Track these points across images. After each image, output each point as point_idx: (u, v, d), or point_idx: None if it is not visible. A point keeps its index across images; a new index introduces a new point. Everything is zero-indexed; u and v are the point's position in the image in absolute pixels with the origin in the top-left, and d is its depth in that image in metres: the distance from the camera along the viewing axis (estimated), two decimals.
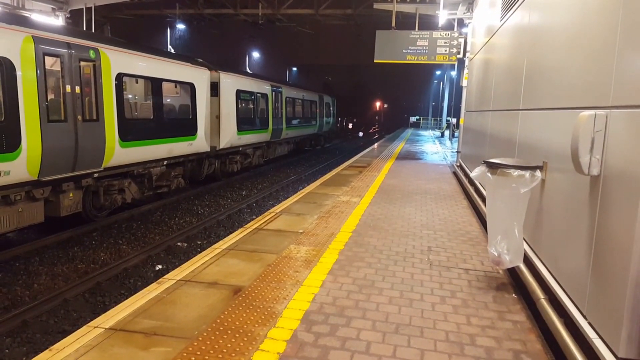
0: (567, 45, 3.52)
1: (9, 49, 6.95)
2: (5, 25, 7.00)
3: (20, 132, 7.08)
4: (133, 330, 2.97)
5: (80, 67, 8.34)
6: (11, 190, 7.06)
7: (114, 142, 9.13)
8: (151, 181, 10.86)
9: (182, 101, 12.28)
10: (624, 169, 2.42)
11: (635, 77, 2.36)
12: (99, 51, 8.78)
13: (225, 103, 14.05)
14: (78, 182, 8.48)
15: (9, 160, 6.87)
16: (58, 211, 8.16)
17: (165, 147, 10.96)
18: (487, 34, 8.70)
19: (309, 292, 3.76)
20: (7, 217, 7.14)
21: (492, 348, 2.99)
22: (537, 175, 3.76)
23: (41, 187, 7.66)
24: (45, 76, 7.56)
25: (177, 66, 11.61)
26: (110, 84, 9.06)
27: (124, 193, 9.90)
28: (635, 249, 2.24)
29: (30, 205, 7.58)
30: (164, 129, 10.95)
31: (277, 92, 19.25)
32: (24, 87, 7.16)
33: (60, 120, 7.90)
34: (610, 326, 2.45)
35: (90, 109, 8.62)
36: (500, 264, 3.91)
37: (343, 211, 6.89)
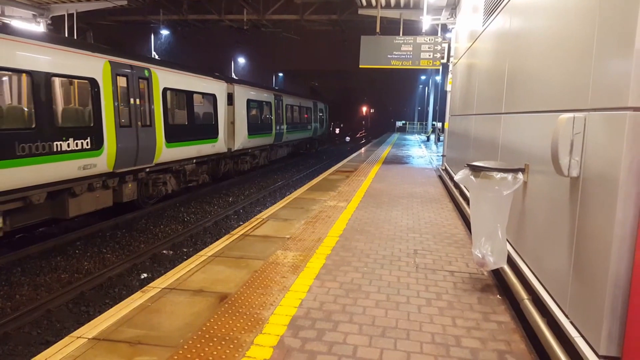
0: (547, 50, 3.59)
1: (95, 71, 9.12)
2: (92, 53, 9.15)
3: (103, 135, 9.25)
4: (117, 340, 2.93)
5: (139, 83, 10.54)
6: (95, 179, 9.14)
7: (162, 143, 11.34)
8: (185, 176, 13.01)
9: (207, 109, 14.40)
10: (602, 170, 2.48)
11: (611, 81, 2.42)
12: (150, 70, 11.02)
13: (239, 110, 16.26)
14: (135, 175, 10.61)
15: (95, 157, 9.00)
16: (121, 198, 10.14)
17: (195, 147, 13.16)
18: (469, 39, 8.83)
19: (295, 298, 3.75)
20: (90, 200, 9.15)
21: (477, 349, 3.02)
22: (519, 177, 3.81)
23: (113, 178, 9.75)
24: (117, 91, 9.69)
25: (203, 80, 14.00)
26: (158, 97, 11.28)
27: (166, 185, 12.03)
28: (614, 249, 2.29)
29: (103, 192, 9.60)
30: (195, 133, 13.18)
31: (279, 100, 21.47)
32: (104, 100, 9.30)
33: (128, 125, 10.05)
34: (591, 325, 2.49)
35: (145, 116, 10.74)
36: (485, 265, 3.96)
37: (330, 216, 6.91)
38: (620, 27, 2.35)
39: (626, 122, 2.24)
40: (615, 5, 2.46)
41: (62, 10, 14.53)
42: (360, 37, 12.56)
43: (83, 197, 8.94)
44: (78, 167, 8.59)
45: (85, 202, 9.07)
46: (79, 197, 8.81)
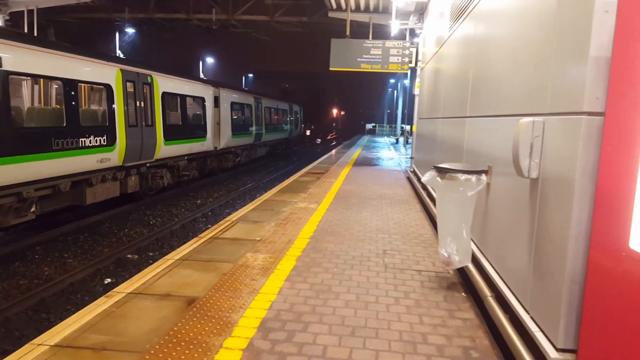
0: (509, 56, 3.72)
1: (110, 78, 10.61)
2: (107, 63, 10.66)
3: (116, 133, 10.69)
4: (80, 347, 2.86)
5: (143, 88, 12.07)
6: (107, 172, 10.55)
7: (161, 141, 12.82)
8: (179, 171, 14.50)
9: (197, 111, 15.82)
10: (559, 171, 2.59)
11: (568, 86, 2.54)
12: (152, 77, 12.59)
13: (224, 112, 17.79)
14: (138, 169, 12.04)
15: (110, 152, 10.45)
16: (126, 189, 11.55)
17: (188, 145, 14.69)
18: (436, 44, 9.02)
19: (265, 300, 3.75)
20: (102, 190, 10.48)
21: (443, 345, 3.10)
22: (483, 179, 3.93)
23: (121, 171, 11.15)
24: (126, 95, 11.18)
25: (194, 85, 15.64)
26: (158, 100, 12.81)
27: (162, 179, 13.50)
28: (570, 246, 2.40)
29: (113, 184, 10.91)
30: (187, 132, 14.76)
31: (259, 102, 22.97)
32: (117, 103, 10.78)
33: (134, 125, 11.52)
34: (549, 320, 2.60)
35: (148, 117, 12.22)
36: (450, 264, 4.06)
37: (301, 218, 6.92)
38: (576, 35, 2.46)
39: (581, 125, 2.35)
40: (570, 14, 2.58)
41: (22, 5, 14.02)
42: (331, 40, 12.65)
43: (97, 187, 10.32)
44: (97, 160, 10.06)
45: (99, 192, 10.39)
46: (94, 187, 10.18)
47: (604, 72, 2.26)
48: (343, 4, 13.35)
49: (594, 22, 2.29)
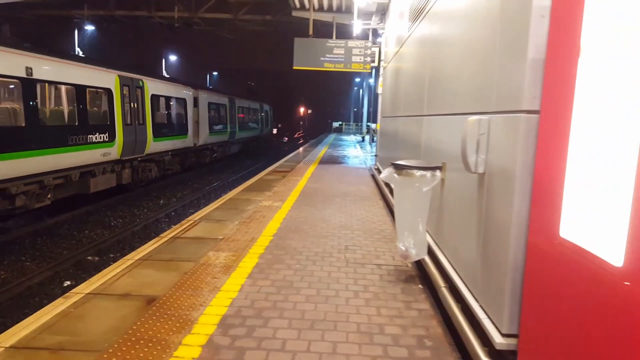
0: (460, 56, 3.88)
1: (110, 83, 12.41)
2: (108, 70, 12.44)
3: (115, 131, 12.43)
4: (37, 347, 2.83)
5: (136, 91, 13.84)
6: (108, 164, 12.27)
7: (150, 137, 14.64)
8: (164, 165, 16.28)
9: (179, 111, 17.63)
10: (502, 166, 2.75)
11: (510, 86, 2.70)
12: (143, 81, 14.38)
13: (202, 112, 19.77)
14: (131, 162, 13.72)
15: (110, 147, 12.21)
16: (121, 180, 13.13)
17: (172, 142, 16.53)
18: (397, 44, 9.21)
19: (226, 297, 3.79)
20: (103, 181, 12.13)
21: (399, 335, 3.23)
22: (437, 175, 4.09)
23: (118, 164, 12.83)
24: (122, 98, 12.90)
25: (178, 87, 17.61)
26: (148, 101, 14.58)
27: (151, 172, 15.18)
28: (512, 237, 2.55)
29: (111, 175, 12.59)
30: (171, 130, 16.69)
31: (233, 102, 25.03)
32: (116, 105, 12.55)
33: (129, 124, 13.29)
34: (495, 307, 2.75)
35: (140, 117, 13.97)
36: (408, 257, 4.21)
37: (265, 216, 6.95)
38: (516, 38, 2.61)
39: (520, 123, 2.51)
40: (511, 18, 2.74)
41: None
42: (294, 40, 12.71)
43: (99, 178, 11.98)
44: (100, 154, 11.81)
45: (100, 182, 12.05)
46: (97, 177, 11.83)
47: (540, 73, 2.41)
48: (306, 4, 13.41)
49: (531, 26, 2.44)
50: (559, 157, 2.13)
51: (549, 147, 2.25)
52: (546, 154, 2.28)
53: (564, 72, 2.12)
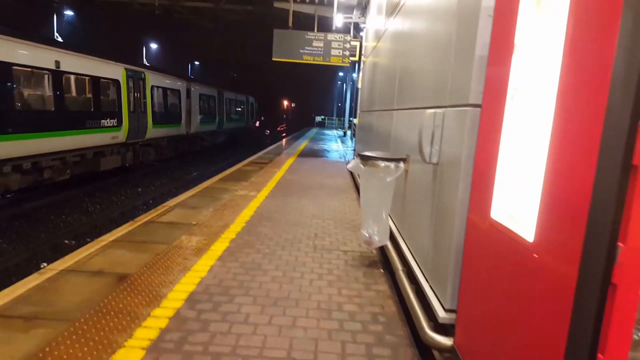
0: (424, 53, 4.11)
1: (118, 75, 14.17)
2: (117, 63, 14.15)
3: (122, 117, 14.23)
4: (12, 316, 2.99)
5: (139, 82, 15.63)
6: (116, 147, 14.19)
7: (150, 124, 16.44)
8: (161, 150, 18.08)
9: (174, 101, 19.35)
10: (452, 156, 2.99)
11: (460, 81, 2.93)
12: (145, 73, 16.19)
13: (194, 103, 21.46)
14: (134, 146, 15.61)
15: (118, 131, 14.04)
16: (125, 162, 15.04)
17: (167, 129, 18.37)
18: (375, 39, 9.43)
19: (196, 276, 3.97)
20: (110, 161, 13.99)
21: (355, 312, 3.47)
22: (401, 166, 4.33)
23: (123, 147, 14.79)
24: (128, 88, 14.70)
25: (173, 79, 19.50)
26: (149, 92, 16.38)
27: (150, 155, 17.14)
28: (457, 219, 2.80)
29: (117, 156, 14.49)
30: (167, 118, 18.39)
31: (221, 94, 26.71)
32: (123, 94, 14.32)
33: (133, 111, 15.08)
34: (441, 285, 3.00)
35: (141, 105, 15.77)
36: (372, 244, 4.45)
37: (239, 204, 7.12)
38: (468, 35, 2.84)
39: (467, 116, 2.75)
40: (465, 16, 2.96)
41: None
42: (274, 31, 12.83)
43: (108, 158, 13.87)
44: (110, 137, 13.63)
45: (108, 162, 13.92)
46: (106, 157, 13.74)
47: (484, 69, 2.65)
48: None
49: (479, 25, 2.66)
50: (493, 147, 2.38)
51: (487, 138, 2.49)
52: (484, 144, 2.52)
53: (501, 68, 2.35)
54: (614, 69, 1.39)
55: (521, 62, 2.11)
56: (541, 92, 1.87)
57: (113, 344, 2.75)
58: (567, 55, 1.68)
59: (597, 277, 1.45)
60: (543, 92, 1.85)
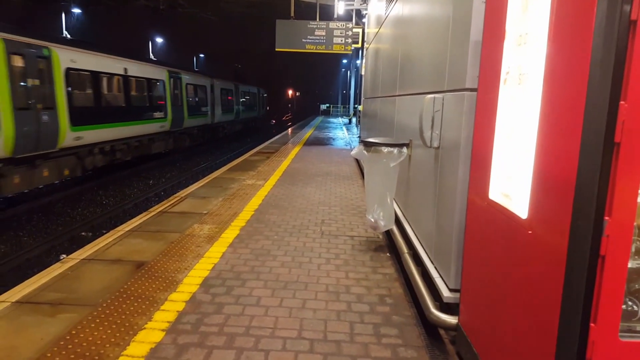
0: (424, 38, 4.18)
1: (163, 76, 17.50)
2: (162, 67, 17.73)
3: (167, 110, 17.61)
4: (39, 302, 3.18)
5: (177, 81, 19.04)
6: (162, 135, 17.32)
7: (186, 115, 20.02)
8: (193, 137, 21.59)
9: (202, 96, 22.68)
10: (451, 139, 3.09)
11: (458, 66, 3.02)
12: (181, 73, 19.69)
13: (216, 96, 24.93)
14: (174, 133, 18.91)
15: (164, 122, 17.24)
16: (168, 146, 18.41)
17: (197, 120, 21.79)
18: (376, 25, 9.45)
19: (209, 263, 4.14)
20: (157, 147, 17.07)
21: (363, 294, 3.61)
22: (404, 151, 4.43)
23: (167, 134, 17.96)
24: (170, 86, 18.03)
25: (201, 77, 22.97)
26: (184, 89, 19.86)
27: (185, 142, 20.54)
28: (458, 201, 2.91)
29: (162, 142, 17.66)
30: (198, 111, 21.97)
31: (237, 88, 30.40)
32: (167, 92, 17.67)
33: (174, 105, 18.40)
34: (445, 266, 3.12)
35: (179, 100, 19.21)
36: (377, 228, 4.56)
37: (247, 193, 7.28)
38: (463, 21, 2.93)
39: (464, 100, 2.85)
40: (459, 2, 3.04)
41: None
42: (276, 21, 12.85)
43: (156, 144, 17.01)
44: (159, 126, 16.94)
45: (156, 147, 17.07)
46: (155, 143, 16.84)
47: (479, 54, 2.74)
48: None
49: (474, 11, 2.75)
50: (489, 129, 2.48)
51: (483, 121, 2.59)
52: (481, 127, 2.63)
53: (494, 53, 2.44)
54: (592, 53, 1.49)
55: (511, 48, 2.20)
56: (529, 77, 1.97)
57: (134, 326, 2.92)
58: (551, 40, 1.78)
59: (586, 249, 1.54)
60: (531, 77, 1.95)
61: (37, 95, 9.97)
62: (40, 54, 10.21)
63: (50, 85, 10.45)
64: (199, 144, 22.48)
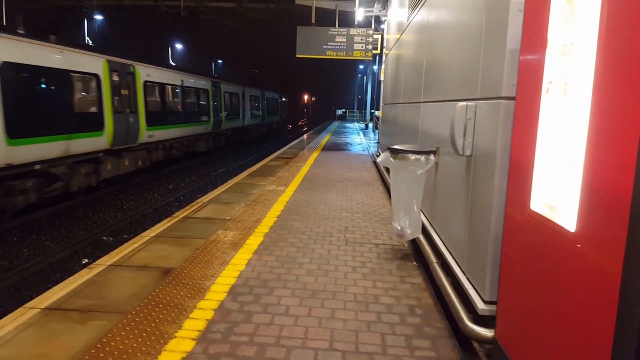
0: (452, 45, 4.13)
1: (208, 86, 20.94)
2: (207, 77, 21.90)
3: (210, 114, 21.09)
4: (69, 309, 3.18)
5: (217, 89, 21.99)
6: (205, 135, 20.66)
7: (224, 119, 22.88)
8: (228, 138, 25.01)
9: (235, 101, 25.75)
10: (486, 148, 3.03)
11: (492, 74, 2.97)
12: (220, 83, 22.72)
13: (246, 102, 28.03)
14: (214, 134, 21.90)
15: (208, 124, 20.81)
16: (208, 146, 21.13)
17: (231, 123, 25.09)
18: (398, 32, 9.41)
19: (235, 270, 4.12)
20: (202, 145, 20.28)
21: (392, 305, 3.54)
22: (431, 158, 4.37)
23: (208, 135, 20.97)
24: (212, 94, 21.26)
25: (234, 85, 26.24)
26: (222, 96, 22.80)
27: (222, 141, 23.54)
28: (494, 211, 2.85)
29: (205, 142, 20.55)
30: (232, 115, 25.05)
31: (263, 94, 33.70)
32: (210, 99, 21.04)
33: (215, 110, 21.55)
34: (479, 277, 3.05)
35: (219, 106, 22.14)
36: (403, 236, 4.50)
37: (269, 199, 7.27)
38: (498, 29, 2.88)
39: (500, 109, 2.79)
40: (494, 10, 2.99)
41: None
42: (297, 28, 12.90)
43: (200, 143, 19.80)
44: (204, 128, 20.12)
45: (200, 145, 19.81)
46: (200, 142, 19.64)
47: (517, 63, 2.68)
48: None
49: (510, 19, 2.70)
50: (530, 138, 2.41)
51: (523, 130, 2.53)
52: (520, 136, 2.56)
53: (534, 62, 2.39)
54: None
55: (554, 57, 2.14)
56: (576, 86, 1.90)
57: (164, 334, 2.91)
58: (602, 49, 1.71)
59: None
60: (578, 86, 1.88)
61: (126, 102, 12.89)
62: (129, 70, 13.25)
63: (134, 94, 13.48)
64: (233, 144, 25.86)
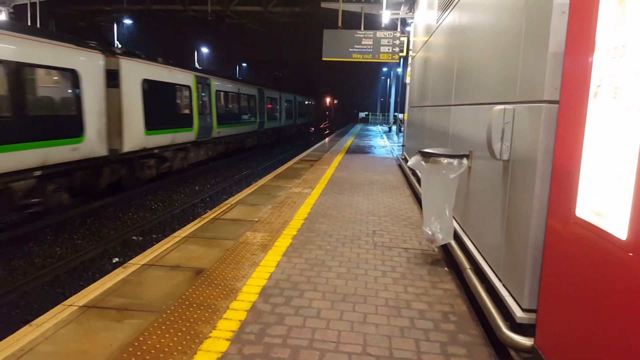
0: (487, 47, 4.07)
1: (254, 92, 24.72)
2: (255, 86, 25.54)
3: (256, 116, 24.66)
4: (105, 307, 3.24)
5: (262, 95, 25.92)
6: (252, 134, 24.64)
7: (266, 120, 27.46)
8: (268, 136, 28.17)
9: (274, 105, 29.45)
10: (525, 153, 2.96)
11: (532, 77, 2.90)
12: (264, 89, 26.61)
13: (282, 105, 31.54)
14: (259, 133, 25.91)
15: (255, 125, 24.71)
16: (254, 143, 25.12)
17: (272, 123, 28.64)
18: (426, 34, 9.33)
19: (265, 271, 4.13)
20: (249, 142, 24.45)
21: (425, 310, 3.49)
22: (464, 162, 4.30)
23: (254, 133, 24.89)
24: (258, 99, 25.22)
25: (273, 91, 29.24)
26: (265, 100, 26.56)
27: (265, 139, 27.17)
28: (533, 218, 2.77)
29: (252, 139, 24.69)
30: (272, 117, 28.43)
31: (295, 98, 36.42)
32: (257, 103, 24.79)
33: (259, 113, 25.57)
34: (517, 284, 2.98)
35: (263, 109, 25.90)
36: (434, 241, 4.44)
37: (295, 201, 7.28)
38: (539, 32, 2.81)
39: (542, 113, 2.72)
40: (534, 12, 2.93)
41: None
42: (323, 31, 12.92)
43: (249, 140, 23.34)
44: (252, 128, 23.36)
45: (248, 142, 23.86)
46: (249, 139, 23.39)
47: (560, 66, 2.61)
48: None
49: (552, 21, 2.63)
50: (575, 144, 2.35)
51: (567, 134, 2.46)
52: (565, 141, 2.49)
53: (581, 65, 2.32)
54: None
55: (603, 60, 2.07)
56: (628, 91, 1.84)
57: (199, 334, 2.93)
58: None
59: None
60: (631, 90, 1.82)
61: (205, 106, 17.21)
62: (207, 82, 17.46)
63: (209, 100, 17.70)
64: (271, 142, 28.92)
